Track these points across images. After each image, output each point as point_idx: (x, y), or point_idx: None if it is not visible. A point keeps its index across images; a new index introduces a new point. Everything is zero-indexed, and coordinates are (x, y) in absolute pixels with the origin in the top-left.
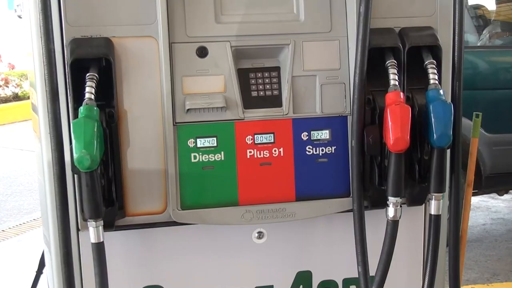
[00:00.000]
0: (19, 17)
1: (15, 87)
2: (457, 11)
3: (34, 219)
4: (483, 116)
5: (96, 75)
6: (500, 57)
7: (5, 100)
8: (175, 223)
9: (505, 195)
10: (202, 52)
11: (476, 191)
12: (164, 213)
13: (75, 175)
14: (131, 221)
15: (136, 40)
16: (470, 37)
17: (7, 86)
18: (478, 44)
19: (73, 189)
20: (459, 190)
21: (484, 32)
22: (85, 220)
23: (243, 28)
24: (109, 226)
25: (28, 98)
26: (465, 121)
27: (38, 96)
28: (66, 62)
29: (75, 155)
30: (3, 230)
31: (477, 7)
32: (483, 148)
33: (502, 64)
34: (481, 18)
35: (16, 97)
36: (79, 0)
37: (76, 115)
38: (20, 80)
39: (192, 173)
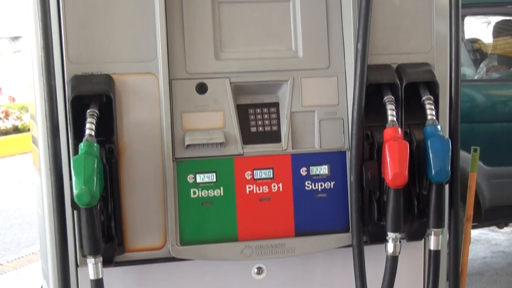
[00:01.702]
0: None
1: (15, 120)
2: (453, 48)
3: (32, 253)
4: (482, 149)
5: (97, 112)
6: (497, 91)
7: (5, 132)
8: (174, 259)
9: (505, 228)
10: (201, 88)
11: (476, 224)
12: (163, 248)
13: (75, 211)
14: (130, 257)
15: (137, 76)
16: (468, 71)
17: (7, 119)
18: (476, 78)
19: (73, 225)
20: (458, 225)
21: (481, 65)
22: (84, 256)
23: (242, 65)
24: (108, 262)
25: (28, 130)
26: (463, 154)
27: (39, 131)
28: (67, 98)
29: (75, 191)
30: (1, 264)
31: (474, 41)
32: (482, 181)
33: (500, 98)
34: (478, 52)
35: (16, 130)
36: (81, 38)
37: (76, 151)
38: (20, 112)
39: (192, 209)
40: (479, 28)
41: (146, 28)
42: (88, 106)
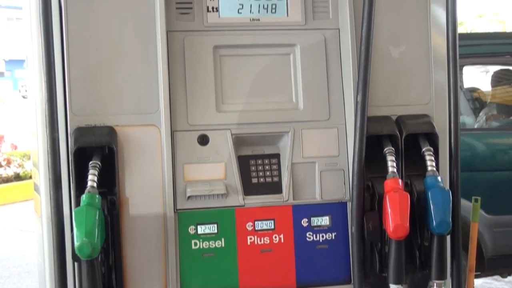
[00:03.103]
0: (24, 97)
1: (17, 167)
2: (452, 100)
3: None
4: (483, 198)
5: (99, 163)
6: (497, 139)
7: (7, 180)
8: None
9: (508, 277)
10: (203, 140)
11: (479, 273)
12: None
13: (76, 263)
14: None
15: (139, 128)
16: (467, 119)
17: (9, 166)
18: (475, 126)
19: (73, 276)
20: (461, 276)
21: (480, 114)
22: None
23: (243, 117)
24: None
25: (30, 178)
26: (465, 202)
27: (41, 182)
28: (70, 150)
29: (76, 243)
30: None
31: (473, 90)
32: (484, 229)
33: (500, 146)
34: (477, 101)
35: (18, 177)
36: (84, 90)
37: (78, 203)
38: (22, 160)
39: (193, 260)
40: (478, 77)
41: (149, 81)
42: (91, 157)
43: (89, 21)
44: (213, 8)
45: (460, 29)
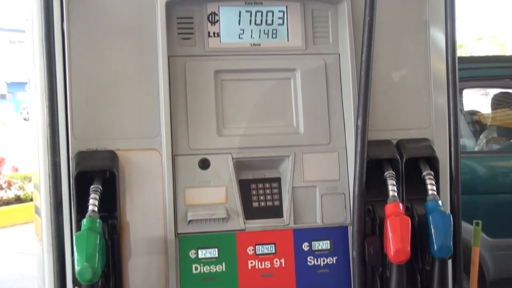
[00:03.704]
0: (25, 119)
1: (18, 190)
2: (452, 124)
3: None
4: (484, 221)
5: (100, 187)
6: (498, 162)
7: (7, 202)
8: None
9: None
10: (204, 164)
11: None
12: None
13: (76, 287)
14: None
15: (140, 152)
16: (468, 142)
17: (10, 189)
18: (476, 149)
19: None
20: None
21: (481, 137)
22: None
23: (244, 141)
24: None
25: (31, 200)
26: (466, 225)
27: (42, 206)
28: (71, 174)
29: (76, 268)
30: None
31: (473, 112)
32: (486, 252)
33: (501, 169)
34: (478, 124)
35: (18, 200)
36: (86, 115)
37: (79, 227)
38: (23, 182)
39: (194, 285)
40: (478, 99)
41: (150, 105)
42: (92, 181)
43: (91, 46)
44: (214, 33)
45: (460, 52)
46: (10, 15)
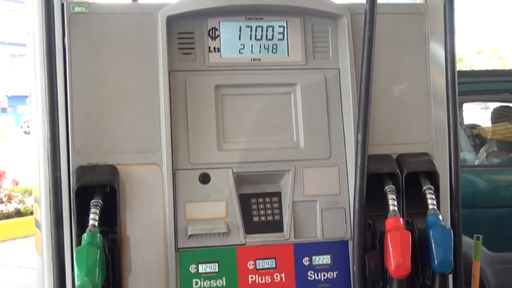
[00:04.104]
0: (26, 133)
1: (18, 203)
2: (452, 138)
3: None
4: (485, 235)
5: (101, 202)
6: (498, 176)
7: (7, 216)
8: None
9: None
10: (204, 179)
11: None
12: None
13: None
14: None
15: (141, 167)
16: (468, 156)
17: (10, 202)
18: (476, 163)
19: None
20: None
21: (481, 150)
22: None
23: (244, 155)
24: None
25: (31, 213)
26: (466, 239)
27: (43, 221)
28: (71, 188)
29: (77, 283)
30: None
31: (473, 126)
32: (487, 266)
33: (501, 183)
34: (478, 137)
35: (18, 213)
36: (87, 129)
37: (79, 241)
38: (23, 196)
39: None
40: (478, 113)
41: (151, 120)
42: (92, 196)
43: (92, 61)
44: (215, 48)
45: (460, 65)
46: (11, 29)
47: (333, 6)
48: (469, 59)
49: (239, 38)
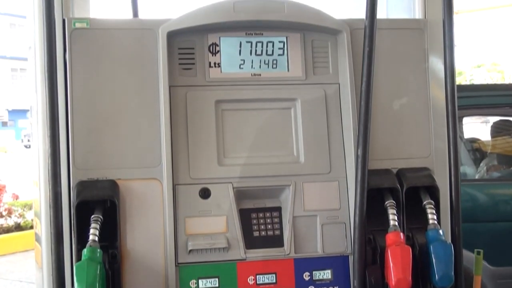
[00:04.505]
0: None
1: (18, 217)
2: (452, 154)
3: None
4: (486, 249)
5: (101, 217)
6: (499, 190)
7: (7, 230)
8: None
9: None
10: (205, 194)
11: None
12: None
13: None
14: None
15: (141, 182)
16: (468, 170)
17: (10, 217)
18: (476, 177)
19: None
20: None
21: (481, 164)
22: None
23: (245, 170)
24: None
25: (31, 227)
26: (467, 254)
27: (43, 235)
28: (72, 204)
29: None
30: None
31: (473, 140)
32: (488, 281)
33: (501, 197)
34: (478, 151)
35: (18, 227)
36: (87, 144)
37: (79, 256)
38: (23, 210)
39: None
40: (478, 127)
41: (151, 135)
42: (93, 211)
43: (93, 76)
44: (215, 63)
45: (459, 79)
46: (12, 43)
47: (333, 21)
48: (469, 72)
49: (240, 54)
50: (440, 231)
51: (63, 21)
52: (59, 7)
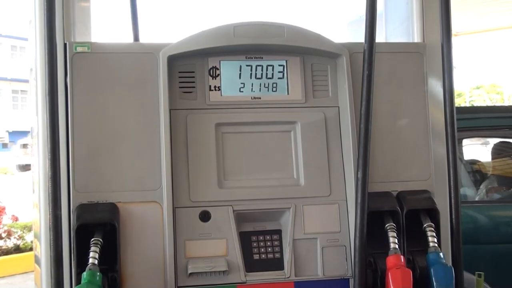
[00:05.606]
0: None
1: (17, 239)
2: (451, 177)
3: None
4: (487, 271)
5: (101, 240)
6: (499, 212)
7: (6, 252)
8: None
9: None
10: (205, 216)
11: None
12: None
13: None
14: None
15: (141, 205)
16: (468, 192)
17: (9, 238)
18: (477, 199)
19: None
20: None
21: (481, 186)
22: None
23: (245, 193)
24: None
25: (30, 249)
26: (469, 276)
27: (42, 258)
28: (72, 227)
29: None
30: None
31: (473, 162)
32: None
33: (502, 219)
34: (478, 173)
35: (18, 249)
36: (88, 168)
37: (79, 280)
38: (23, 232)
39: None
40: (478, 149)
41: (151, 158)
42: (93, 234)
43: (94, 100)
44: (215, 87)
45: (459, 100)
46: (13, 65)
47: (332, 45)
48: (468, 94)
49: (240, 77)
50: (441, 254)
51: (65, 45)
52: (61, 31)
